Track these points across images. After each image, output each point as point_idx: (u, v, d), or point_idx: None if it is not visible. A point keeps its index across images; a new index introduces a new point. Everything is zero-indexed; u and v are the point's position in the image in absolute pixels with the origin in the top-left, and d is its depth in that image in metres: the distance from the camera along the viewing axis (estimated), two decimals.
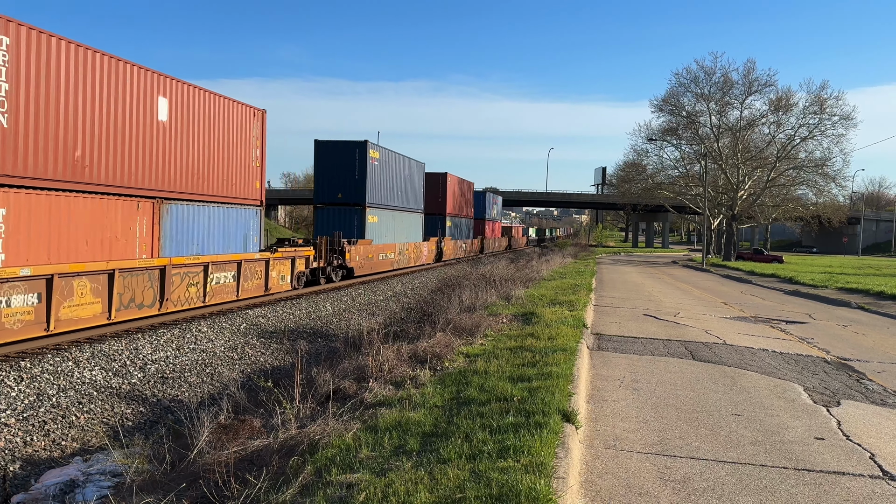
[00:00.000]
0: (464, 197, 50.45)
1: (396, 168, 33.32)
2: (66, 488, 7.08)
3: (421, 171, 38.14)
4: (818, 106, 57.86)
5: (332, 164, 29.09)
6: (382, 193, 31.28)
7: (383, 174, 31.25)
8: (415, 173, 36.84)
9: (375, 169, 29.97)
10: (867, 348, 13.65)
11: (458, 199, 48.50)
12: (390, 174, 32.35)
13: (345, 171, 28.99)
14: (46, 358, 11.21)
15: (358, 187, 29.07)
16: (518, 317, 14.15)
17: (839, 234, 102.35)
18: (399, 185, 33.71)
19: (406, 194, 35.09)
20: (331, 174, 29.03)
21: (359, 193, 29.15)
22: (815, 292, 28.06)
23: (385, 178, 31.53)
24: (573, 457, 5.69)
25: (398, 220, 33.74)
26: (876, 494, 5.44)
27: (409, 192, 35.67)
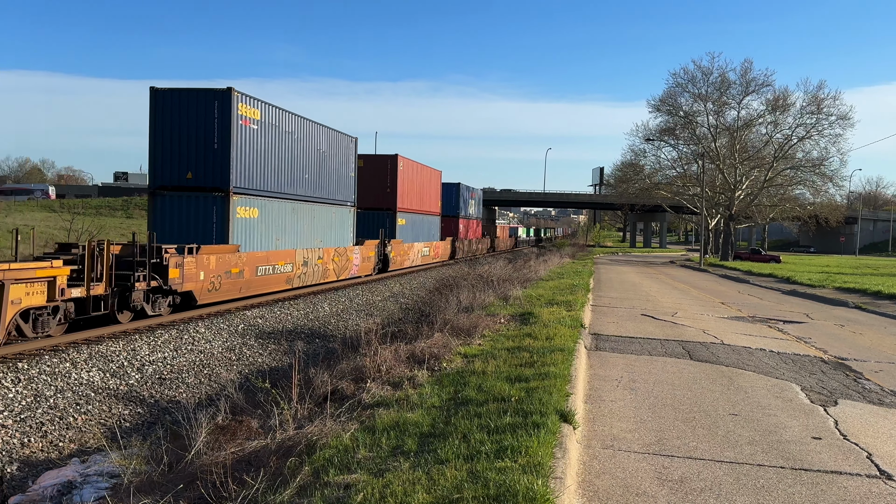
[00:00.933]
0: (426, 189, 39.24)
1: (297, 137, 22.61)
2: (64, 489, 7.07)
3: (351, 150, 27.41)
4: (815, 106, 57.92)
5: (179, 125, 18.81)
6: (269, 174, 20.81)
7: (269, 144, 20.71)
8: (339, 151, 26.18)
9: (252, 136, 19.65)
10: (864, 348, 13.67)
11: (417, 190, 37.23)
12: (284, 145, 21.80)
13: (198, 138, 18.76)
14: (44, 359, 11.19)
15: (218, 162, 18.61)
16: (516, 317, 14.16)
17: (836, 233, 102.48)
18: (306, 165, 23.24)
19: (321, 179, 24.50)
20: (176, 142, 18.87)
21: (218, 172, 18.59)
22: (812, 292, 28.10)
23: (273, 150, 21.03)
24: (571, 457, 5.70)
25: (304, 215, 23.21)
26: (873, 494, 5.45)
27: (328, 175, 25.07)
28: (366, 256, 28.76)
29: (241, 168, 19.17)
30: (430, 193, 40.60)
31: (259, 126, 20.03)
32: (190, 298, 16.52)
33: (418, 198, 37.67)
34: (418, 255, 37.23)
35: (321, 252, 23.98)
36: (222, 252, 17.71)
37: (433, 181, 41.53)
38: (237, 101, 18.70)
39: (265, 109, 20.41)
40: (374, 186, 33.03)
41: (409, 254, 35.35)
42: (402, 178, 34.36)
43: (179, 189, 18.90)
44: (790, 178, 62.31)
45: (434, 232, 41.92)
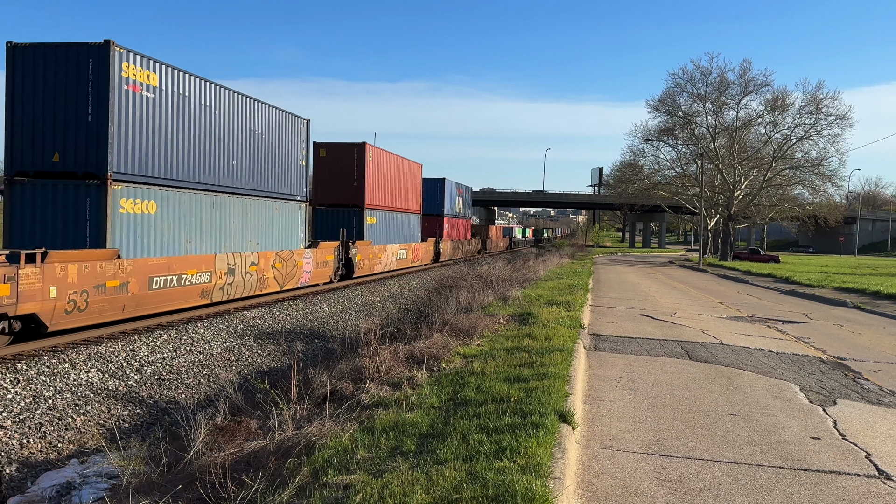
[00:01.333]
0: (403, 183, 34.40)
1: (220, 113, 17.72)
2: (63, 490, 7.07)
3: (300, 134, 22.69)
4: (814, 106, 57.97)
5: (44, 92, 14.43)
6: (175, 158, 16.22)
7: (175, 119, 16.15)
8: (283, 134, 21.34)
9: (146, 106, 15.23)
10: (863, 348, 13.68)
11: (392, 185, 32.68)
12: (200, 122, 17.04)
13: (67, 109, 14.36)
14: (43, 360, 11.19)
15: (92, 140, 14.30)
16: (515, 317, 14.16)
17: (836, 233, 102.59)
18: (234, 148, 18.38)
19: (258, 167, 19.74)
20: (40, 114, 14.45)
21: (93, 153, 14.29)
22: (811, 292, 28.12)
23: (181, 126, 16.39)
24: (569, 457, 5.70)
25: (231, 211, 18.34)
26: (872, 494, 5.45)
27: (268, 163, 20.32)
28: (321, 261, 23.50)
29: (129, 148, 14.64)
30: (408, 189, 35.23)
31: (158, 95, 15.42)
32: (36, 324, 11.89)
33: (393, 193, 32.65)
34: (392, 258, 32.00)
35: (256, 257, 18.82)
36: (89, 259, 12.93)
37: (412, 175, 36.24)
38: (120, 60, 14.23)
39: (168, 74, 15.70)
40: (339, 179, 28.46)
41: (381, 257, 30.17)
42: (371, 169, 29.41)
43: (44, 175, 14.42)
44: (789, 178, 62.36)
45: (413, 232, 36.50)
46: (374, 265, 29.29)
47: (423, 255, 38.44)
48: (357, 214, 28.88)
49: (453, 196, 48.09)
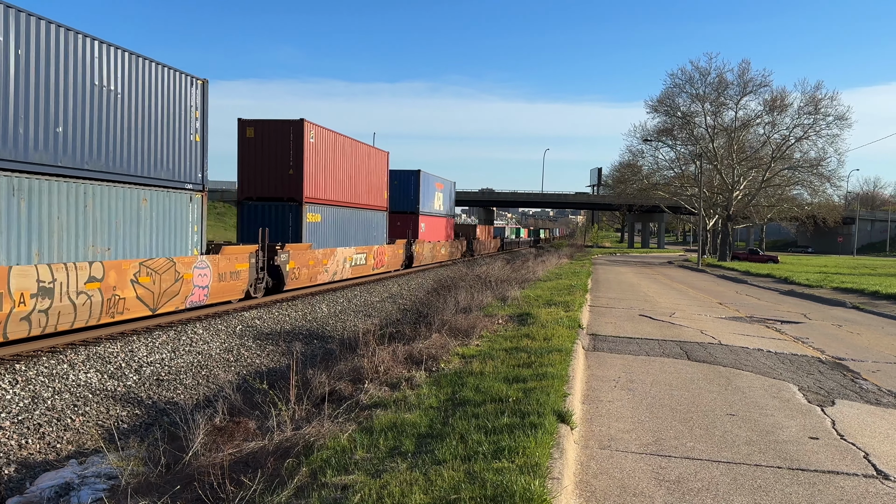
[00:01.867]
0: (362, 173, 28.51)
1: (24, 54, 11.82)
2: (62, 491, 7.06)
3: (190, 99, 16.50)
4: (813, 106, 58.04)
5: None
6: None
7: None
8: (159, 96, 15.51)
9: None
10: (862, 348, 13.69)
11: (346, 175, 26.73)
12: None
13: None
14: (42, 360, 11.18)
15: None
16: (514, 317, 14.17)
17: (834, 233, 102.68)
18: (60, 108, 12.74)
19: (112, 139, 14.11)
20: None
21: None
22: (810, 292, 28.13)
23: None
24: (568, 457, 5.70)
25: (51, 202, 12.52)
26: (870, 493, 5.46)
27: (131, 135, 14.62)
28: (227, 272, 17.54)
29: None
30: (369, 180, 29.28)
31: None
32: None
33: (347, 185, 26.76)
34: (344, 265, 26.04)
35: (99, 269, 13.11)
36: None
37: (375, 165, 30.16)
38: None
39: None
40: (271, 167, 22.92)
41: (327, 263, 24.22)
42: (313, 154, 23.52)
43: None
44: (788, 178, 62.41)
45: (377, 233, 30.51)
46: (315, 274, 23.08)
47: (391, 260, 32.19)
48: (294, 210, 22.97)
49: (431, 191, 42.13)
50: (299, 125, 22.74)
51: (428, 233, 41.42)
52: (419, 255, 37.54)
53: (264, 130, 23.11)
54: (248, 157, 23.21)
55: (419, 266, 37.76)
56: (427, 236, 41.02)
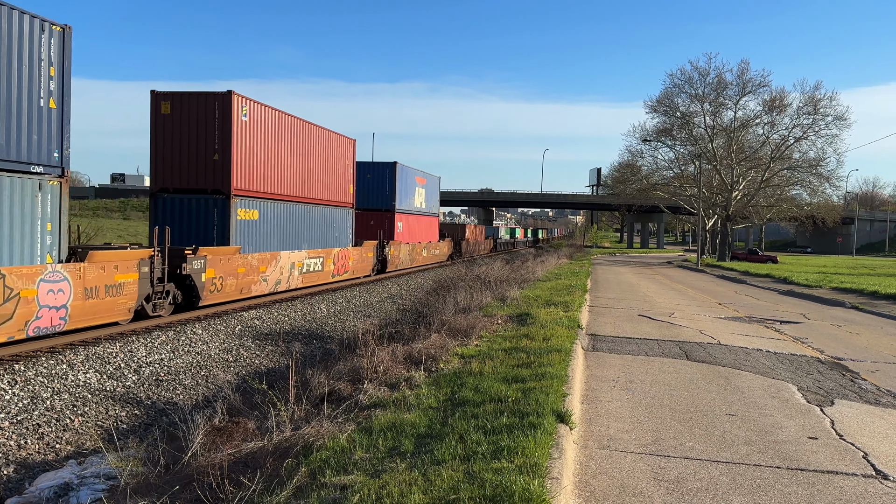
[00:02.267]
0: (321, 162, 24.05)
1: None
2: (61, 491, 7.06)
3: (36, 49, 12.01)
4: (812, 106, 58.08)
5: None
6: None
7: None
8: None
9: None
10: (861, 348, 13.70)
11: (297, 162, 22.21)
12: None
13: None
14: (41, 361, 11.17)
15: None
16: (513, 318, 14.17)
17: (833, 234, 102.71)
18: None
19: None
20: None
21: None
22: (809, 292, 28.14)
23: None
24: (567, 457, 5.70)
25: None
26: (869, 493, 5.46)
27: None
28: (97, 286, 13.13)
29: None
30: (329, 172, 24.71)
31: None
32: None
33: (297, 176, 22.12)
34: (292, 272, 21.23)
35: None
36: None
37: (338, 154, 25.60)
38: None
39: None
40: (191, 151, 18.56)
41: (268, 271, 19.59)
42: (246, 136, 18.84)
43: None
44: (787, 178, 62.46)
45: (340, 234, 26.12)
46: (248, 284, 18.56)
47: (357, 265, 27.59)
48: (220, 205, 18.27)
49: (410, 186, 37.01)
50: (227, 99, 18.09)
51: (406, 233, 36.03)
52: (394, 258, 32.40)
53: (183, 105, 18.54)
54: (163, 139, 18.67)
55: (395, 271, 32.93)
56: (405, 237, 35.73)
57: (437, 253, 42.75)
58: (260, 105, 19.65)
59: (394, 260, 32.43)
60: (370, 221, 32.72)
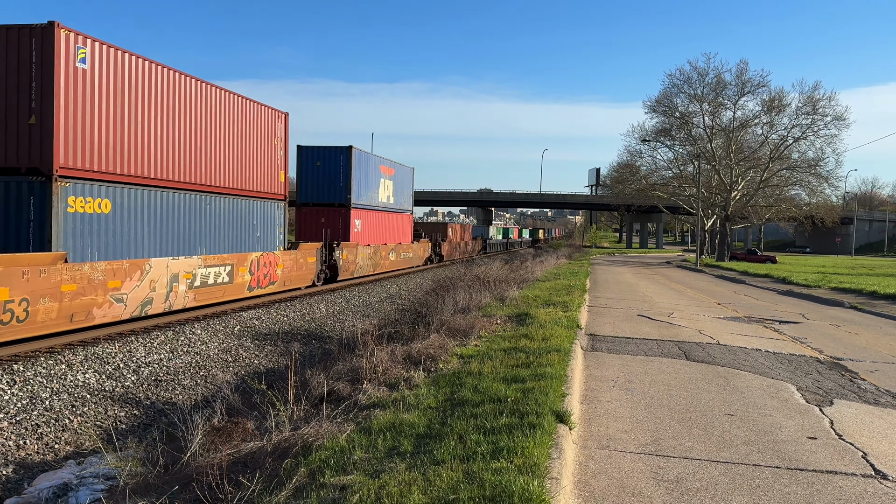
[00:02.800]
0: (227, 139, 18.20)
1: None
2: (60, 492, 7.06)
3: None
4: (811, 106, 58.15)
5: None
6: None
7: None
8: None
9: None
10: (860, 348, 13.70)
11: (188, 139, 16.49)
12: None
13: None
14: (39, 361, 11.17)
15: None
16: (512, 318, 14.17)
17: (832, 234, 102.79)
18: None
19: None
20: None
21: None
22: (808, 292, 28.16)
23: None
24: (566, 457, 5.70)
25: None
26: (868, 493, 5.46)
27: None
28: None
29: None
30: (247, 152, 19.17)
31: None
32: None
33: (187, 155, 16.50)
34: (175, 287, 15.64)
35: None
36: None
37: (259, 129, 19.76)
38: None
39: None
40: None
41: (125, 287, 13.90)
42: (85, 92, 13.29)
43: None
44: (786, 178, 62.51)
45: (265, 234, 20.35)
46: (87, 309, 12.80)
47: (291, 273, 21.54)
48: (37, 191, 12.69)
49: (373, 177, 30.90)
50: (48, 36, 12.48)
51: (367, 233, 30.05)
52: (348, 263, 26.53)
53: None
54: None
55: (349, 280, 27.32)
56: (366, 237, 29.70)
57: (408, 256, 36.45)
58: (113, 49, 13.97)
59: (347, 266, 26.49)
60: (320, 219, 27.51)
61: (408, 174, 37.47)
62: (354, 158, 28.22)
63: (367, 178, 30.01)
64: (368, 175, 30.24)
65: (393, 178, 34.08)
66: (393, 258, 33.34)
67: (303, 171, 27.72)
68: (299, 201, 27.87)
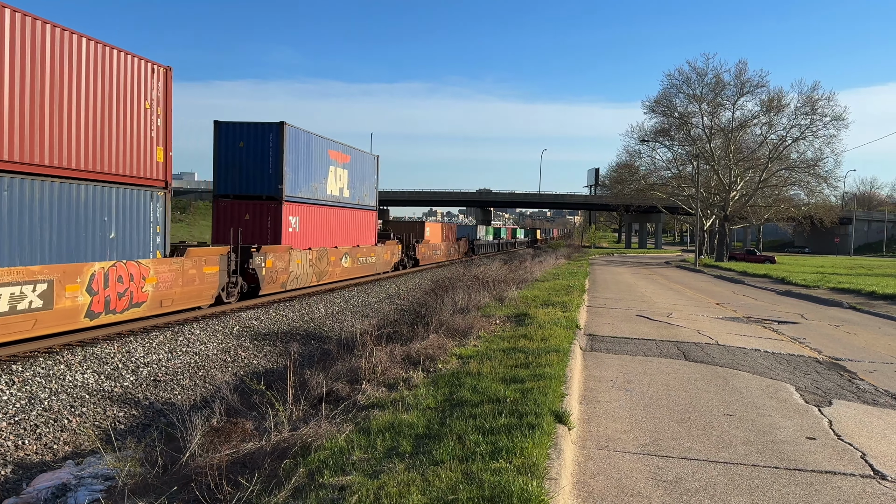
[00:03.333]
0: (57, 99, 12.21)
1: None
2: (58, 492, 7.05)
3: None
4: (810, 107, 58.15)
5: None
6: None
7: None
8: None
9: None
10: (859, 348, 13.71)
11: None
12: None
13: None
14: (38, 361, 11.16)
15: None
16: (511, 318, 14.17)
17: (831, 234, 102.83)
18: None
19: None
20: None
21: None
22: (807, 292, 28.17)
23: None
24: (565, 458, 5.70)
25: None
26: (867, 493, 5.47)
27: None
28: None
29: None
30: (87, 113, 13.11)
31: None
32: None
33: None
34: None
35: None
36: None
37: (117, 85, 13.90)
38: None
39: None
40: None
41: None
42: None
43: None
44: (785, 178, 62.53)
45: (127, 235, 14.31)
46: None
47: (172, 290, 15.57)
48: None
49: (318, 163, 24.86)
50: None
51: (309, 233, 23.94)
52: (275, 272, 20.47)
53: None
54: None
55: (279, 293, 21.44)
56: (306, 239, 23.62)
57: (370, 262, 29.96)
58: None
59: (274, 276, 20.41)
60: (244, 216, 21.94)
61: (369, 163, 31.20)
62: (289, 138, 22.23)
63: (308, 164, 23.96)
64: (311, 161, 24.20)
65: (348, 167, 27.97)
66: (347, 264, 26.99)
67: (221, 154, 22.06)
68: (217, 193, 22.30)
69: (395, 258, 34.39)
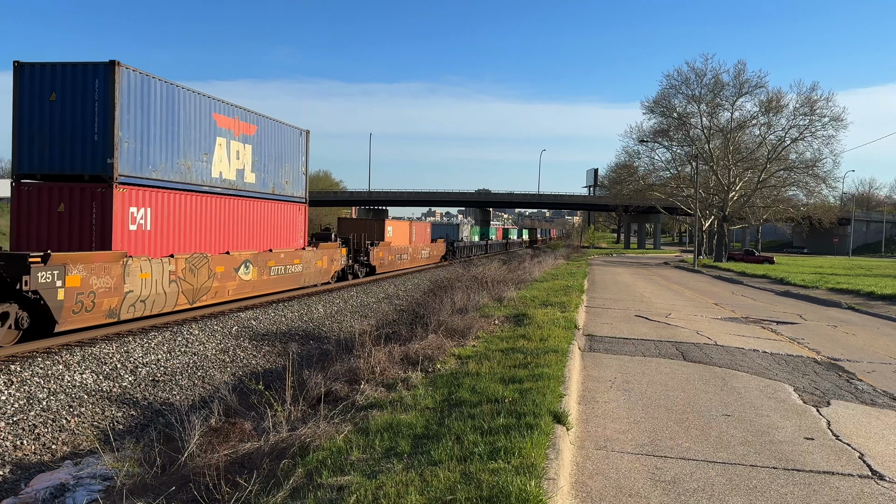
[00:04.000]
0: None
1: None
2: (57, 492, 7.05)
3: None
4: (808, 107, 58.21)
5: None
6: None
7: None
8: None
9: None
10: (857, 348, 13.72)
11: None
12: None
13: None
14: (37, 361, 11.15)
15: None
16: (510, 318, 14.17)
17: (830, 234, 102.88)
18: None
19: None
20: None
21: None
22: (805, 293, 28.19)
23: None
24: (564, 458, 5.70)
25: None
26: (865, 494, 5.47)
27: None
28: None
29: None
30: None
31: None
32: None
33: None
34: None
35: None
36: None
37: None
38: None
39: None
40: None
41: None
42: None
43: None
44: (783, 179, 62.59)
45: None
46: None
47: None
48: None
49: (192, 129, 17.15)
50: None
51: (169, 234, 16.20)
52: (89, 296, 12.92)
53: None
54: None
55: (98, 327, 13.79)
56: (162, 244, 15.89)
57: (292, 271, 22.16)
58: None
59: (88, 302, 12.97)
60: (57, 205, 14.52)
61: (292, 139, 23.15)
62: (128, 88, 14.79)
63: (172, 130, 16.39)
64: (176, 126, 16.55)
65: (252, 141, 20.18)
66: (250, 276, 19.20)
67: (25, 112, 14.66)
68: (18, 171, 14.74)
69: (335, 266, 26.37)
